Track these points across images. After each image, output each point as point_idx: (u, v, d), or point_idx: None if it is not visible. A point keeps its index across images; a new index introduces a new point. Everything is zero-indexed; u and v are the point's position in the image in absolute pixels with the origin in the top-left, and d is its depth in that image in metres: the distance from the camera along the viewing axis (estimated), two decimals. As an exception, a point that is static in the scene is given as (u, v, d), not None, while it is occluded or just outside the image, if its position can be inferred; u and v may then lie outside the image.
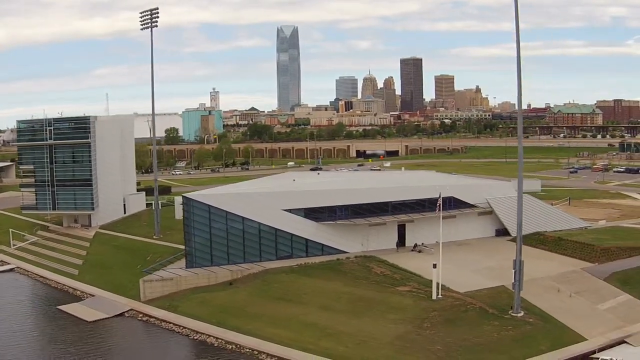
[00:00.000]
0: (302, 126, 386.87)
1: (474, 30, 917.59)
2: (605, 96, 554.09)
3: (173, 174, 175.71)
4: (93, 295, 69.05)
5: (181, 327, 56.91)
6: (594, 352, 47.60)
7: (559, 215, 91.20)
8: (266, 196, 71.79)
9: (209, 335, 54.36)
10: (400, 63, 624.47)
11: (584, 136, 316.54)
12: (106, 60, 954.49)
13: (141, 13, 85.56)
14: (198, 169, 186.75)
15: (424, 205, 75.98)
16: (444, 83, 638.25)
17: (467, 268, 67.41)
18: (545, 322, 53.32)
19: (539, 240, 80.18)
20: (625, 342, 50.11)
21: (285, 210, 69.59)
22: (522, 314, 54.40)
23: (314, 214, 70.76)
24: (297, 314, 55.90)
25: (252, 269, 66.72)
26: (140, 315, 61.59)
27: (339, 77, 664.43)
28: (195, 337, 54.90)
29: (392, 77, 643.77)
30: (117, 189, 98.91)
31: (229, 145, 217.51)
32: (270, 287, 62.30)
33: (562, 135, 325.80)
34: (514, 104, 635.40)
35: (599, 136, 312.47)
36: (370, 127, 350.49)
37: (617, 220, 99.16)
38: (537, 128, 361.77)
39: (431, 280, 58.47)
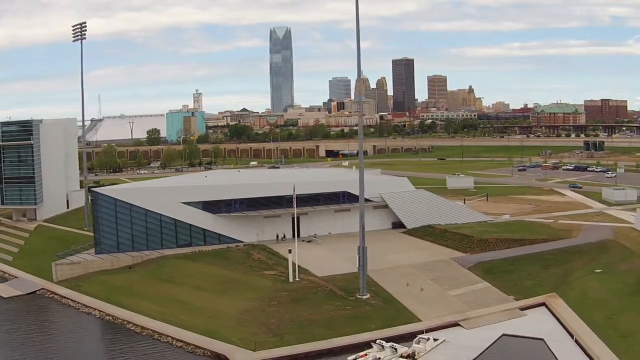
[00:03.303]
0: (291, 127, 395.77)
1: (473, 30, 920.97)
2: (607, 96, 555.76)
3: (138, 173, 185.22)
4: (17, 277, 78.33)
5: (76, 303, 66.12)
6: (422, 332, 53.12)
7: (459, 209, 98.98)
8: (166, 190, 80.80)
9: (95, 309, 63.43)
10: (392, 64, 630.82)
11: (559, 135, 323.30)
12: (105, 61, 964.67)
13: (73, 26, 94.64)
14: (164, 168, 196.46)
15: (318, 200, 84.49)
16: (436, 83, 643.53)
17: (342, 256, 75.17)
18: (387, 304, 60.24)
19: (427, 232, 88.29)
20: (459, 324, 56.05)
21: (184, 203, 78.36)
22: (367, 296, 61.25)
23: (211, 206, 79.49)
24: (173, 292, 64.66)
25: (151, 255, 75.63)
26: (49, 293, 70.77)
27: (332, 78, 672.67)
28: (84, 310, 63.99)
29: (384, 78, 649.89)
30: (60, 186, 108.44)
31: (195, 145, 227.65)
32: (161, 271, 71.18)
33: (537, 134, 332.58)
34: (508, 104, 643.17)
35: (573, 135, 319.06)
36: (350, 128, 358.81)
37: (525, 215, 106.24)
38: (516, 128, 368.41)
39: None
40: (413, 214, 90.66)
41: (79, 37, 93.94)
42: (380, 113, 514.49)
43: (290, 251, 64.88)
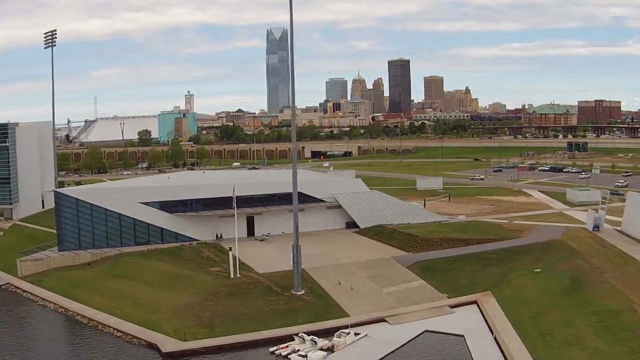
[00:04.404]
0: (284, 128, 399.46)
1: (472, 31, 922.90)
2: (607, 96, 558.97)
3: (122, 174, 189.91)
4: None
5: (35, 296, 70.60)
6: (347, 326, 56.24)
7: (413, 210, 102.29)
8: (125, 191, 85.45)
9: (50, 302, 67.95)
10: (388, 64, 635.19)
11: (547, 136, 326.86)
12: (104, 61, 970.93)
13: (45, 34, 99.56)
14: (149, 169, 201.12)
15: (273, 200, 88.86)
16: (432, 84, 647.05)
17: (288, 254, 75.73)
18: (319, 300, 63.59)
19: (377, 232, 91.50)
20: (385, 320, 58.81)
21: (142, 202, 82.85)
22: (302, 292, 64.56)
23: (167, 206, 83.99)
24: (123, 287, 68.99)
25: (110, 252, 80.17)
26: (12, 287, 75.34)
27: (328, 79, 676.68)
28: (41, 303, 68.46)
29: (381, 79, 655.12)
30: (36, 187, 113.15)
31: (179, 147, 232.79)
32: (116, 267, 75.57)
33: (526, 135, 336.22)
34: (505, 105, 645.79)
35: (561, 136, 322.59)
36: (339, 129, 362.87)
37: (482, 216, 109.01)
38: (506, 129, 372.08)
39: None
40: (366, 214, 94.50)
41: (50, 44, 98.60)
42: (375, 114, 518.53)
43: (230, 249, 69.10)
